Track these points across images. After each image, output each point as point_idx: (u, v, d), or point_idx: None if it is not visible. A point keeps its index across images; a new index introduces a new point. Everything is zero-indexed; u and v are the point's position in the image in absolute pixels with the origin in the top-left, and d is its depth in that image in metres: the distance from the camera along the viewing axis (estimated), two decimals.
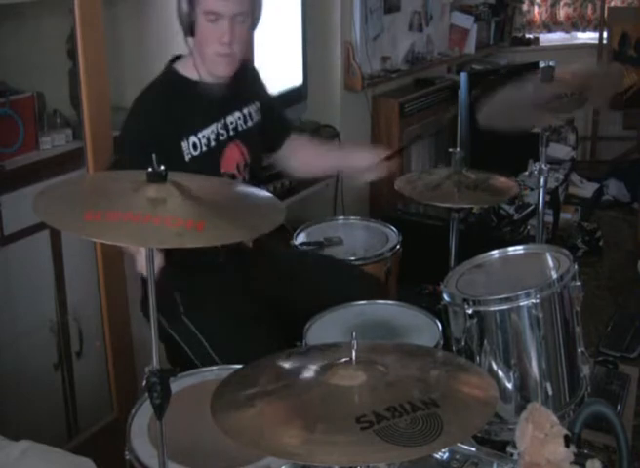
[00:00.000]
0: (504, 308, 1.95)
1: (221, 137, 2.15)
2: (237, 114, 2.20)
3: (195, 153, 2.08)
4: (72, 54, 2.31)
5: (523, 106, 2.41)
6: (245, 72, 2.22)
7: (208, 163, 2.07)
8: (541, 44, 5.59)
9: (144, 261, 1.75)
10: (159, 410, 1.39)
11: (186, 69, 2.12)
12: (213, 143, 2.13)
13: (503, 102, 2.46)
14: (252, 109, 2.25)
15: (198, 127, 2.10)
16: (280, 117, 2.42)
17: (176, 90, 2.10)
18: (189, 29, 2.04)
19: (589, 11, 5.73)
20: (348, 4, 3.75)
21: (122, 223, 1.28)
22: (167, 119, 2.04)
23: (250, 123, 2.23)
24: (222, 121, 2.16)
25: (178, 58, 2.16)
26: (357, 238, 2.73)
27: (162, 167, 1.37)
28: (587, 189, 4.64)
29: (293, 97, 3.36)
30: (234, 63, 2.09)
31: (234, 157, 2.19)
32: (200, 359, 2.03)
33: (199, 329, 2.06)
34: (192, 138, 2.08)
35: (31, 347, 2.38)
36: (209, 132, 2.12)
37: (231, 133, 2.18)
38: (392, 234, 2.69)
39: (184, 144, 2.07)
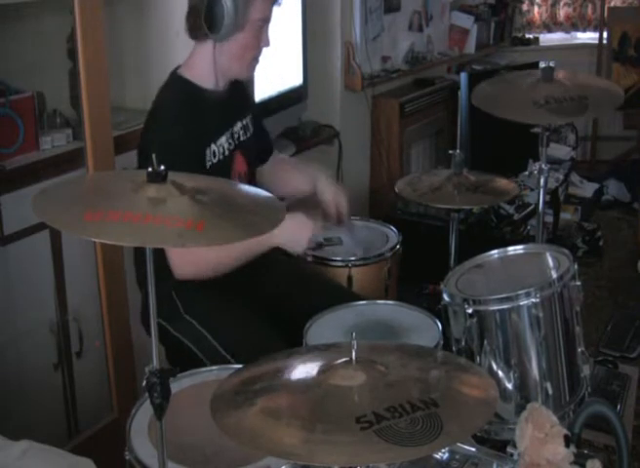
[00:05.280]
0: (504, 308, 1.95)
1: (231, 146, 2.16)
2: (239, 124, 2.21)
3: (214, 160, 2.09)
4: (72, 54, 2.31)
5: (519, 99, 2.41)
6: (241, 81, 2.24)
7: (222, 171, 2.06)
8: (541, 44, 5.60)
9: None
10: (159, 410, 1.39)
11: (198, 77, 2.09)
12: (227, 152, 2.14)
13: (501, 88, 2.48)
14: (248, 120, 2.26)
15: (216, 135, 2.11)
16: (264, 130, 2.40)
17: (197, 99, 2.09)
18: (226, 36, 2.02)
19: (589, 11, 5.73)
20: (348, 4, 3.75)
21: (122, 223, 1.27)
22: (194, 129, 2.03)
23: (248, 133, 2.25)
24: (231, 130, 2.17)
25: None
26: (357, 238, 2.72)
27: (162, 167, 1.37)
28: (587, 189, 4.63)
29: (293, 97, 3.36)
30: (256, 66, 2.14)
31: (239, 166, 2.20)
32: (208, 354, 2.03)
33: (202, 324, 2.06)
34: (212, 146, 2.09)
35: (31, 347, 2.38)
36: (223, 140, 2.13)
37: (236, 142, 2.19)
38: (392, 234, 2.68)
39: (208, 152, 2.07)
